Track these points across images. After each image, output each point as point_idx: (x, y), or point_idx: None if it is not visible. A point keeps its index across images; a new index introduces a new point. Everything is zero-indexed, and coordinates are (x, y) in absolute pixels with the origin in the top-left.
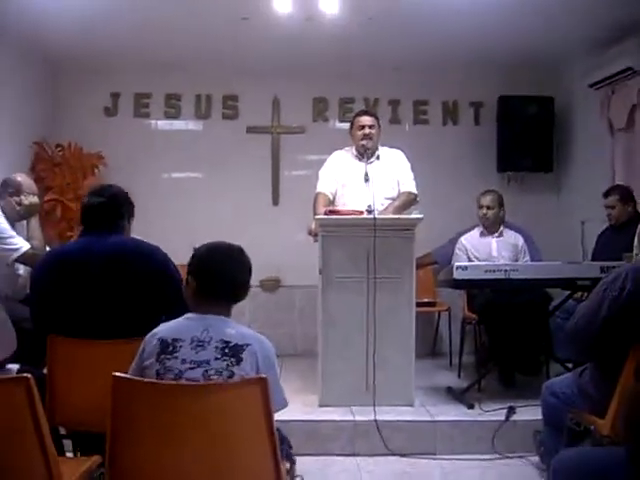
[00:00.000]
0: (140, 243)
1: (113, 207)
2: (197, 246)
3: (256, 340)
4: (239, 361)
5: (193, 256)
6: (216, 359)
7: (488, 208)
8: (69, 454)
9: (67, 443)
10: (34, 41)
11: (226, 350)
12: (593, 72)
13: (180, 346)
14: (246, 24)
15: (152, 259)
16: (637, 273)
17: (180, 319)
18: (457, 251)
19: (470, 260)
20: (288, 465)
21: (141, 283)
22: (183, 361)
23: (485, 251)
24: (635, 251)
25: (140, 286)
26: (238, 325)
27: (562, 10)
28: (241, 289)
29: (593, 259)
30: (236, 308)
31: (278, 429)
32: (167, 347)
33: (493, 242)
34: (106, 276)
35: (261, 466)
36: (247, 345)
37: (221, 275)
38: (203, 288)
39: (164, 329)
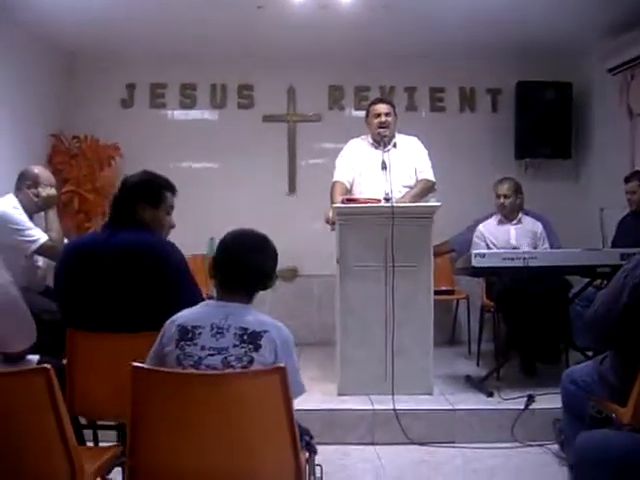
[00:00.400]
0: (145, 236)
1: (125, 199)
2: (211, 237)
3: (274, 327)
4: (257, 348)
5: (218, 245)
6: (235, 346)
7: (505, 197)
8: (89, 444)
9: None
10: (50, 34)
11: (244, 337)
12: (612, 57)
13: (200, 333)
14: (261, 13)
15: (156, 251)
16: None
17: (200, 306)
18: (475, 239)
19: (489, 248)
20: (307, 454)
21: (145, 276)
22: (202, 348)
23: (504, 239)
24: None
25: (145, 279)
26: (257, 312)
27: None
28: (263, 277)
29: (613, 245)
30: (257, 298)
31: (297, 421)
32: (187, 333)
33: (512, 229)
34: (114, 269)
35: (280, 455)
36: (265, 332)
37: (239, 264)
38: (223, 277)
39: (183, 315)
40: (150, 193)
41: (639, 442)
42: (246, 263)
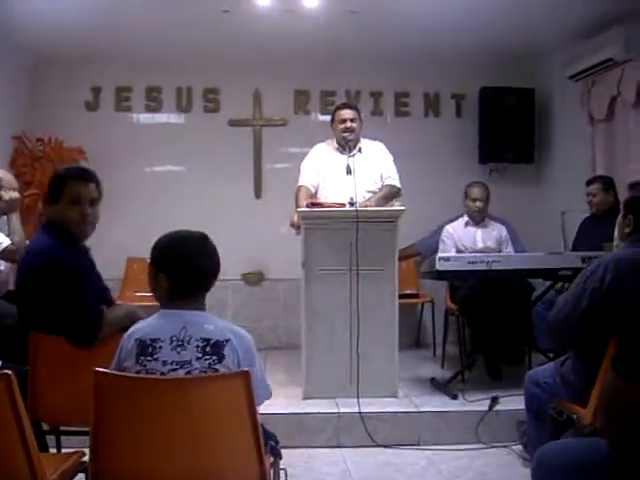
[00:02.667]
0: (32, 244)
1: None
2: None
3: (235, 335)
4: (221, 359)
5: (156, 249)
6: (198, 359)
7: (480, 200)
8: (52, 450)
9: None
10: (14, 34)
11: (207, 349)
12: (573, 63)
13: (160, 347)
14: (227, 16)
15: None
16: (617, 264)
17: (156, 316)
18: (444, 239)
19: (457, 248)
20: (272, 458)
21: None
22: (164, 363)
23: (470, 241)
24: (615, 242)
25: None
26: (214, 318)
27: (542, 1)
28: (213, 278)
29: (574, 248)
30: (219, 302)
31: (262, 425)
32: (146, 348)
33: (478, 232)
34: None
35: (245, 459)
36: (227, 341)
37: (194, 268)
38: (176, 283)
39: (141, 328)
40: (49, 191)
41: (599, 446)
42: (198, 267)
